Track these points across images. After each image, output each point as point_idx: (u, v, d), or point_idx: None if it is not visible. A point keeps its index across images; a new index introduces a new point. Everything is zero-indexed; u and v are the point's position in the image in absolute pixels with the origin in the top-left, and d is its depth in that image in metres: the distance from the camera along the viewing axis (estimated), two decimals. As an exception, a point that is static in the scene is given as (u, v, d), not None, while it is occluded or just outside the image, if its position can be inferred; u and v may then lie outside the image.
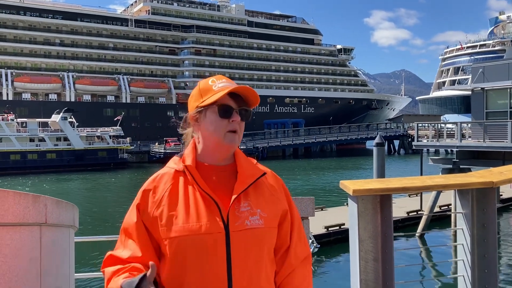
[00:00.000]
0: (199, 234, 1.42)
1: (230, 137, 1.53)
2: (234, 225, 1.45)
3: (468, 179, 2.39)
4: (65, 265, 2.47)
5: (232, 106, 1.53)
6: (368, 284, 2.38)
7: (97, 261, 14.34)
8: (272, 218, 1.52)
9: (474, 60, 71.40)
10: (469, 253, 2.45)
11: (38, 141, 49.05)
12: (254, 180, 1.53)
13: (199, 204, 1.47)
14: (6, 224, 1.63)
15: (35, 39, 70.20)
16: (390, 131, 72.82)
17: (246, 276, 1.44)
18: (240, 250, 1.43)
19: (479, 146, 17.99)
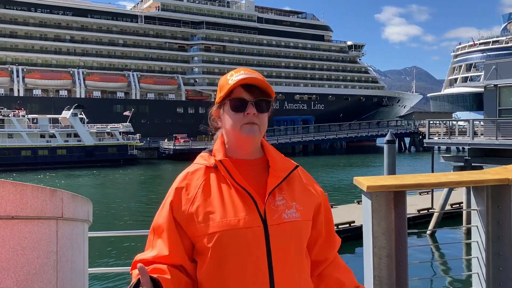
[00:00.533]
0: (238, 228, 1.41)
1: (247, 128, 1.51)
2: (272, 219, 1.44)
3: (483, 176, 2.37)
4: (80, 260, 2.49)
5: (245, 99, 1.51)
6: (381, 280, 2.38)
7: (108, 256, 14.47)
8: (308, 211, 1.53)
9: (487, 57, 70.63)
10: (483, 251, 2.43)
11: (48, 137, 49.44)
12: (288, 173, 1.53)
13: (235, 199, 1.46)
14: (25, 217, 1.65)
15: (45, 36, 70.71)
16: (400, 128, 72.29)
17: (287, 269, 1.43)
18: (279, 243, 1.43)
19: (491, 144, 17.81)
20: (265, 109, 1.53)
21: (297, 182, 1.56)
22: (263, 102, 1.53)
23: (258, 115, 1.52)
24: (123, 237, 16.05)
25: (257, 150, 1.58)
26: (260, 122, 1.52)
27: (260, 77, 1.53)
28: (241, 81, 1.50)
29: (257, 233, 1.41)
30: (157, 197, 29.90)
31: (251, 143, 1.53)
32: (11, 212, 1.55)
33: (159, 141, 62.42)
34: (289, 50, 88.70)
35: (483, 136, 19.81)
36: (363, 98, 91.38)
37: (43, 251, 1.83)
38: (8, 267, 1.55)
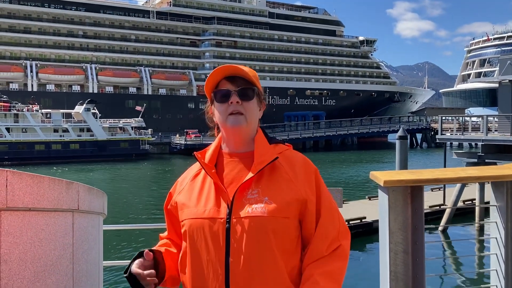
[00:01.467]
0: (202, 218, 1.50)
1: (232, 118, 1.53)
2: (237, 212, 1.46)
3: (503, 171, 2.32)
4: (95, 252, 2.50)
5: (229, 89, 1.54)
6: (397, 276, 2.35)
7: (121, 249, 14.59)
8: (281, 207, 1.45)
9: (501, 52, 69.61)
10: (502, 247, 2.39)
11: (62, 131, 49.92)
12: (263, 166, 1.49)
13: (211, 191, 1.54)
14: (42, 209, 1.65)
15: (59, 31, 71.28)
16: (412, 124, 71.74)
17: (245, 264, 1.42)
18: (239, 238, 1.44)
19: (506, 140, 17.58)
20: (250, 97, 1.55)
21: (281, 175, 1.51)
22: (247, 90, 1.55)
23: (243, 104, 1.54)
24: (135, 230, 16.20)
25: (248, 142, 1.58)
26: (245, 111, 1.54)
27: (244, 68, 1.56)
28: (222, 72, 1.55)
29: (218, 225, 1.46)
30: (168, 192, 30.05)
31: (238, 133, 1.55)
32: (29, 204, 1.56)
33: (171, 136, 62.72)
34: (300, 46, 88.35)
35: (497, 132, 19.57)
36: (374, 93, 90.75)
37: (59, 243, 1.84)
38: (26, 258, 1.56)
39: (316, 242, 1.49)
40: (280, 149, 1.58)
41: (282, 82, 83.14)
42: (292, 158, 1.57)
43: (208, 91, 1.61)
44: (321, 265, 1.46)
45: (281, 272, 1.45)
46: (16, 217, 1.51)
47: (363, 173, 36.50)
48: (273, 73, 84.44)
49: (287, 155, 1.57)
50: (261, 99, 1.62)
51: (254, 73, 1.60)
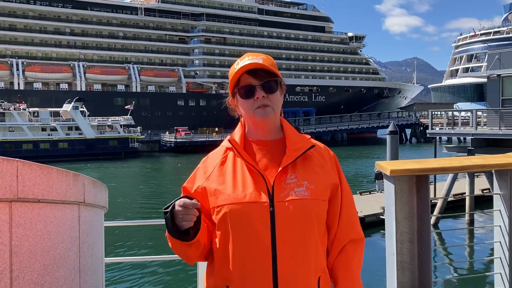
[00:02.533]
0: (243, 202, 1.49)
1: (260, 112, 1.56)
2: (279, 196, 1.48)
3: (508, 159, 2.34)
4: (99, 246, 2.48)
5: (252, 84, 1.56)
6: (403, 265, 2.36)
7: (118, 246, 14.52)
8: (320, 191, 1.53)
9: (488, 47, 70.28)
10: (506, 235, 2.41)
11: (50, 130, 49.44)
12: (302, 152, 1.55)
13: (246, 176, 1.54)
14: (51, 201, 1.62)
15: (45, 29, 70.43)
16: (402, 119, 72.19)
17: (290, 246, 1.46)
18: (284, 220, 1.46)
19: (494, 134, 17.78)
20: (275, 89, 1.58)
21: (313, 161, 1.58)
22: (271, 83, 1.57)
23: (269, 96, 1.56)
24: (128, 228, 16.14)
25: (275, 130, 1.62)
26: (272, 103, 1.57)
27: (264, 59, 1.58)
28: (244, 68, 1.55)
29: (262, 209, 1.47)
30: (159, 190, 29.93)
31: (267, 124, 1.59)
32: (38, 195, 1.53)
33: (160, 134, 62.41)
34: (290, 42, 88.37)
35: (486, 126, 19.77)
36: (364, 89, 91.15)
37: (67, 236, 1.81)
38: (35, 251, 1.53)
39: (345, 225, 1.59)
40: (307, 137, 1.64)
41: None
42: (318, 145, 1.64)
43: (231, 86, 1.63)
44: (354, 249, 1.59)
45: (320, 254, 1.53)
46: (26, 208, 1.48)
47: (354, 169, 36.66)
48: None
49: (315, 143, 1.63)
50: (282, 86, 1.64)
51: (272, 60, 1.62)
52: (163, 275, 12.49)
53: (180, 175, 37.45)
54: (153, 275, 12.49)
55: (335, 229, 1.58)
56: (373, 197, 19.51)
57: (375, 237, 14.95)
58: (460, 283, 10.88)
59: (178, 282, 12.00)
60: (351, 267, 1.58)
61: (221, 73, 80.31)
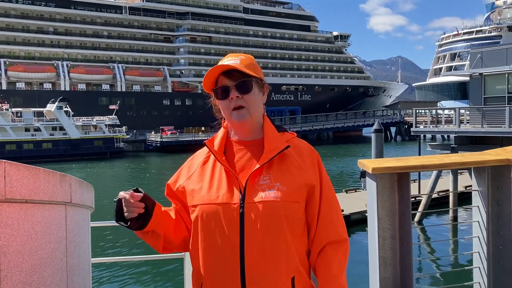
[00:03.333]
0: (215, 203, 1.52)
1: (235, 114, 1.58)
2: (250, 197, 1.51)
3: (485, 157, 2.41)
4: (85, 246, 2.49)
5: (227, 85, 1.58)
6: (386, 261, 2.42)
7: (106, 246, 14.42)
8: (292, 192, 1.52)
9: (471, 46, 71.26)
10: (484, 230, 2.48)
11: (33, 130, 48.80)
12: (277, 153, 1.55)
13: (222, 177, 1.57)
14: (38, 201, 1.64)
15: (28, 28, 69.43)
16: (386, 118, 72.88)
17: (258, 247, 1.48)
18: (253, 222, 1.48)
19: (477, 132, 18.08)
20: (249, 89, 1.58)
21: (290, 161, 1.57)
22: (245, 83, 1.58)
23: (243, 97, 1.58)
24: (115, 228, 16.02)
25: (256, 130, 1.63)
26: (247, 104, 1.58)
27: (242, 60, 1.60)
28: (216, 69, 1.58)
29: (232, 210, 1.50)
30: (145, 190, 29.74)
31: (244, 126, 1.60)
32: (25, 196, 1.55)
33: (146, 134, 62.01)
34: (275, 41, 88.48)
35: (469, 124, 20.09)
36: (349, 88, 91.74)
37: (54, 236, 1.83)
38: (23, 251, 1.55)
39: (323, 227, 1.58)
40: (288, 137, 1.64)
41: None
42: (299, 145, 1.63)
43: (208, 89, 1.65)
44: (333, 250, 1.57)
45: (293, 255, 1.52)
46: (14, 209, 1.49)
47: (339, 167, 36.91)
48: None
49: (294, 143, 1.63)
50: (261, 84, 1.65)
51: (251, 60, 1.63)
52: (150, 275, 12.46)
53: (166, 176, 37.31)
54: (140, 275, 12.45)
55: (314, 229, 1.57)
56: (359, 195, 19.69)
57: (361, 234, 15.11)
58: (441, 277, 11.06)
59: (165, 281, 11.98)
60: (331, 269, 1.55)
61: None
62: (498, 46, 23.44)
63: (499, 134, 17.22)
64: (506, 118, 16.98)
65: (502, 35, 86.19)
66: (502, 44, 26.67)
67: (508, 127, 16.89)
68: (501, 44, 29.02)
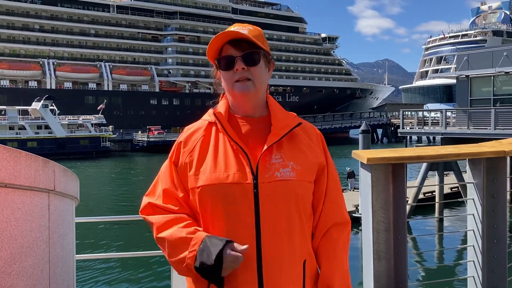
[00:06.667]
0: (225, 183, 1.40)
1: (238, 86, 1.48)
2: (264, 177, 1.41)
3: (480, 148, 2.38)
4: (70, 238, 2.39)
5: (232, 55, 1.48)
6: (380, 254, 2.36)
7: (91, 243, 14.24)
8: (306, 171, 1.46)
9: (457, 50, 72.10)
10: (480, 223, 2.44)
11: (18, 129, 48.12)
12: (288, 130, 1.48)
13: (229, 154, 1.45)
14: (19, 186, 1.55)
15: (13, 25, 68.45)
16: (373, 120, 73.37)
17: (275, 228, 1.40)
18: (269, 202, 1.40)
19: (463, 133, 18.25)
20: (257, 61, 1.48)
21: (300, 140, 1.51)
22: (253, 55, 1.47)
23: (250, 69, 1.47)
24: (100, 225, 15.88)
25: (260, 107, 1.54)
26: (253, 77, 1.48)
27: (250, 30, 1.49)
28: (224, 36, 1.47)
29: (246, 190, 1.39)
30: (131, 189, 29.49)
31: (247, 100, 1.50)
32: (5, 180, 1.45)
33: (133, 133, 61.53)
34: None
35: (455, 126, 20.28)
36: (337, 90, 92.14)
37: (35, 225, 1.73)
38: (2, 238, 1.46)
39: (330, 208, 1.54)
40: (294, 115, 1.57)
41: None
42: (304, 124, 1.57)
43: (211, 58, 1.54)
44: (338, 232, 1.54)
45: (305, 235, 1.47)
46: (-8, 192, 1.40)
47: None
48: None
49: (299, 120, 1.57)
50: (269, 59, 1.55)
51: (259, 31, 1.54)
52: (136, 272, 12.32)
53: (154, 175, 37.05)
54: (126, 272, 12.31)
55: (319, 211, 1.52)
56: (346, 195, 19.71)
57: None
58: (435, 271, 11.10)
59: (150, 278, 11.85)
60: (335, 250, 1.51)
61: (195, 72, 79.84)
62: (484, 49, 23.73)
63: (484, 136, 17.39)
64: (492, 120, 17.17)
65: (487, 39, 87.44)
66: (488, 47, 27.02)
67: (493, 128, 17.07)
68: (487, 47, 29.40)
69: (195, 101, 77.28)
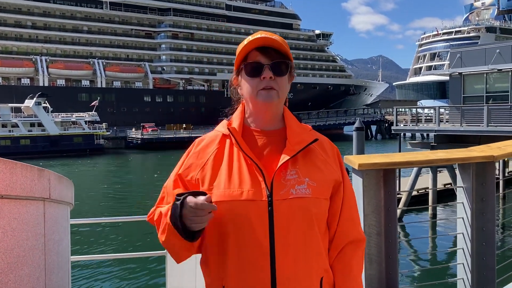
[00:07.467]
0: (239, 200, 1.37)
1: (264, 94, 1.43)
2: (279, 194, 1.37)
3: (470, 153, 2.42)
4: (65, 244, 2.42)
5: (261, 62, 1.43)
6: (371, 258, 2.41)
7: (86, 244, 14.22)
8: (322, 188, 1.42)
9: (450, 46, 72.38)
10: (469, 226, 2.49)
11: (11, 126, 47.83)
12: (304, 146, 1.44)
13: (243, 169, 1.41)
14: (15, 197, 1.57)
15: (5, 21, 67.89)
16: (367, 116, 73.68)
17: (290, 247, 1.37)
18: (284, 220, 1.36)
19: (456, 130, 18.37)
20: (284, 72, 1.45)
21: (315, 156, 1.47)
22: (281, 65, 1.44)
23: (276, 79, 1.44)
24: (95, 225, 15.84)
25: (277, 119, 1.50)
26: (278, 87, 1.44)
27: (278, 38, 1.45)
28: (255, 42, 1.43)
29: (260, 207, 1.36)
30: (125, 187, 29.45)
31: (269, 109, 1.46)
32: (1, 191, 1.48)
33: (126, 130, 61.35)
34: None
35: (448, 123, 20.41)
36: (331, 86, 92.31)
37: (31, 233, 1.76)
38: (-1, 248, 1.48)
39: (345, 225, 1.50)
40: (309, 129, 1.54)
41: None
42: (320, 138, 1.52)
43: (237, 62, 1.50)
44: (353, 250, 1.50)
45: (322, 253, 1.44)
46: (-11, 204, 1.42)
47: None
48: (231, 66, 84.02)
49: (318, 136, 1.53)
50: (292, 72, 1.51)
51: (285, 41, 1.49)
52: (131, 273, 12.33)
53: (148, 173, 36.98)
54: (120, 272, 12.31)
55: (334, 228, 1.49)
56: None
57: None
58: (425, 273, 11.22)
59: (146, 279, 11.87)
60: (351, 269, 1.48)
61: (189, 68, 79.64)
62: (477, 46, 23.86)
63: (477, 133, 17.54)
64: (484, 117, 17.30)
65: (480, 35, 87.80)
66: (481, 44, 27.17)
67: (486, 126, 17.21)
68: (479, 44, 29.56)
69: (189, 98, 77.18)
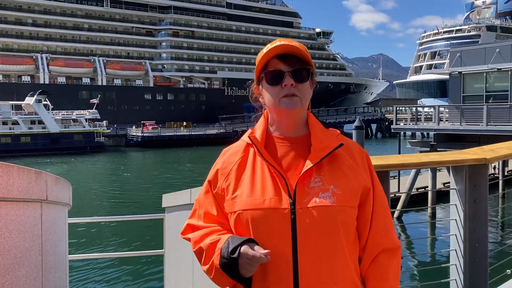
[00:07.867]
0: (262, 208, 1.35)
1: (286, 101, 1.41)
2: (302, 202, 1.34)
3: (463, 156, 2.45)
4: (62, 244, 2.45)
5: (281, 70, 1.42)
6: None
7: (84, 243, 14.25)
8: (349, 196, 1.37)
9: (450, 45, 72.32)
10: (461, 228, 2.52)
11: (11, 124, 47.90)
12: (328, 152, 1.39)
13: (266, 177, 1.39)
14: (12, 199, 1.60)
15: (6, 19, 67.93)
16: (367, 115, 73.62)
17: (313, 257, 1.33)
18: (307, 229, 1.33)
19: (456, 129, 18.39)
20: (305, 78, 1.44)
21: (342, 162, 1.42)
22: (302, 71, 1.43)
23: (298, 86, 1.42)
24: (93, 224, 15.87)
25: (300, 125, 1.48)
26: (301, 93, 1.42)
27: (297, 45, 1.44)
28: (274, 50, 1.42)
29: (283, 216, 1.34)
30: (125, 185, 29.49)
31: (292, 116, 1.44)
32: (-2, 194, 1.50)
33: (127, 128, 61.40)
34: (258, 37, 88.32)
35: (448, 122, 20.42)
36: (331, 85, 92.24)
37: (28, 235, 1.79)
38: (-4, 250, 1.51)
39: (378, 233, 1.44)
40: (335, 134, 1.49)
41: (241, 73, 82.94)
42: (348, 143, 1.47)
43: (257, 71, 1.49)
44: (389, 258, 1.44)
45: (348, 264, 1.37)
46: (-14, 207, 1.45)
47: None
48: (231, 64, 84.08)
49: (345, 141, 1.47)
50: (313, 77, 1.49)
51: (305, 48, 1.48)
52: (129, 272, 12.36)
53: (150, 172, 37.00)
54: (119, 273, 12.34)
55: (365, 236, 1.43)
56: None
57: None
58: (420, 274, 11.25)
59: (144, 280, 11.90)
60: (386, 279, 1.42)
61: (189, 66, 79.62)
62: (477, 46, 23.85)
63: (477, 132, 17.56)
64: (484, 116, 17.31)
65: (481, 34, 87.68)
66: (481, 44, 27.16)
67: (485, 125, 17.22)
68: (479, 44, 29.54)
69: (190, 96, 77.18)
